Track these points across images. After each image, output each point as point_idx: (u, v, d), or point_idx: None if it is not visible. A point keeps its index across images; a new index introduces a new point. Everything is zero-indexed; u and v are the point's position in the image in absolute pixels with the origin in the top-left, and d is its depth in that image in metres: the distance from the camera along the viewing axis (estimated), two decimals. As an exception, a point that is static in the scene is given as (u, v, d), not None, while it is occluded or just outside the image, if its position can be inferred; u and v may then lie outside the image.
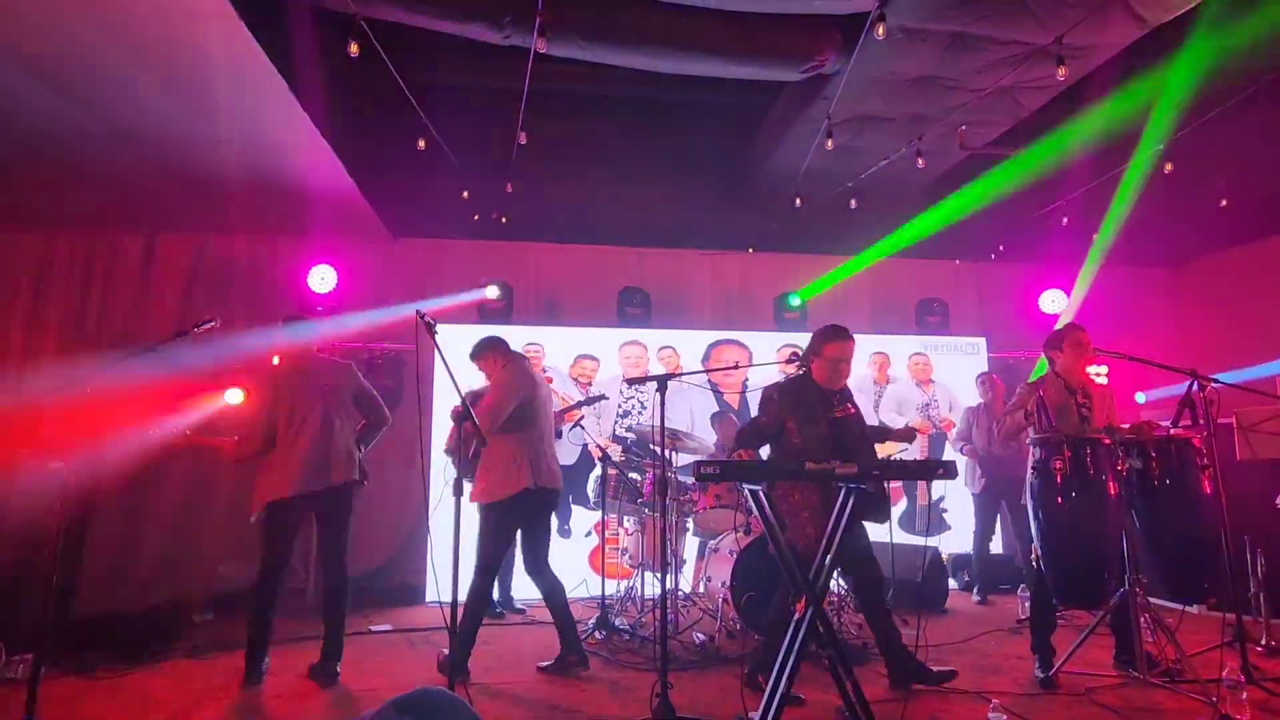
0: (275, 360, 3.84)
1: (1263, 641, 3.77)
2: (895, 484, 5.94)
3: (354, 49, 3.68)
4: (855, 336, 3.43)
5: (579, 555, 5.51)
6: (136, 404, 5.12)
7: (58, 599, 2.78)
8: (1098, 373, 6.29)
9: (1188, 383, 3.44)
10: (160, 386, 5.04)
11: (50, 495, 3.76)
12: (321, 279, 5.51)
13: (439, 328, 2.98)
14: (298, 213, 5.50)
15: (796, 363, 3.54)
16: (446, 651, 3.16)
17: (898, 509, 5.95)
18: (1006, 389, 5.46)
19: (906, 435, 3.53)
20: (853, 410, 3.36)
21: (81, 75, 3.65)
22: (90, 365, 2.76)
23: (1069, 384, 3.59)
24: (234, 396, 5.43)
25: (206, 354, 4.68)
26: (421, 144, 4.92)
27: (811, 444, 3.16)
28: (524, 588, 5.09)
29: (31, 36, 3.31)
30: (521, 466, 3.50)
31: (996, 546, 5.77)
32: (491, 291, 5.85)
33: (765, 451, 3.39)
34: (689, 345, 6.09)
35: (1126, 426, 3.50)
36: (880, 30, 3.68)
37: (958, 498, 6.01)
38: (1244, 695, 2.80)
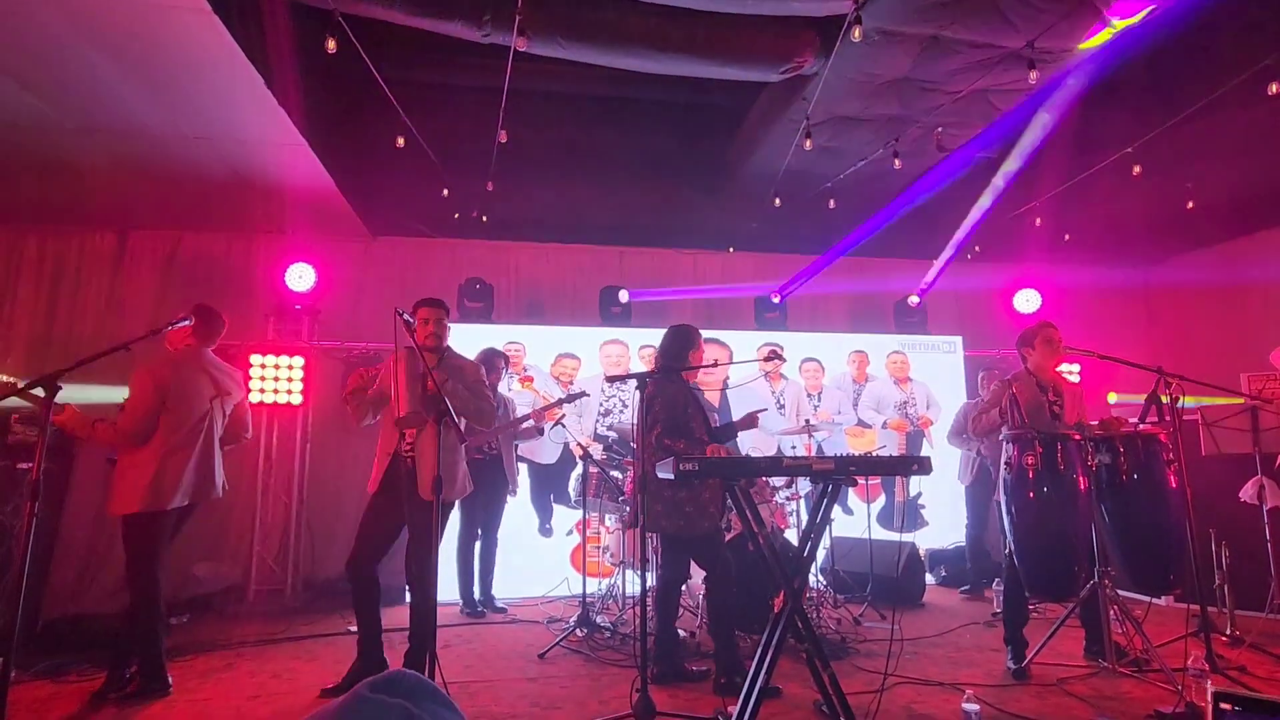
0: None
1: (1227, 632, 3.88)
2: (874, 480, 6.01)
3: (331, 45, 3.64)
4: (833, 334, 3.58)
5: (560, 554, 5.51)
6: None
7: (27, 602, 2.73)
8: (1069, 371, 6.41)
9: (1155, 381, 3.54)
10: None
11: (20, 497, 3.72)
12: (299, 277, 5.46)
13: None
14: (275, 210, 5.44)
15: (776, 360, 3.71)
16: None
17: (876, 505, 6.02)
18: None
19: (748, 422, 3.58)
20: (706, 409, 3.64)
21: (48, 68, 3.58)
22: (61, 361, 2.70)
23: (1040, 381, 3.67)
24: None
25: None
26: (401, 142, 4.89)
27: (698, 430, 3.38)
28: (504, 587, 5.10)
29: (-1, 29, 3.24)
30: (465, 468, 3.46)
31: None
32: (474, 288, 5.83)
33: None
34: (670, 344, 6.10)
35: (1095, 423, 3.58)
36: (857, 33, 3.73)
37: (935, 494, 6.09)
38: (1209, 683, 2.88)
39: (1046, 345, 3.68)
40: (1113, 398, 6.48)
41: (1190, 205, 5.72)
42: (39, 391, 2.53)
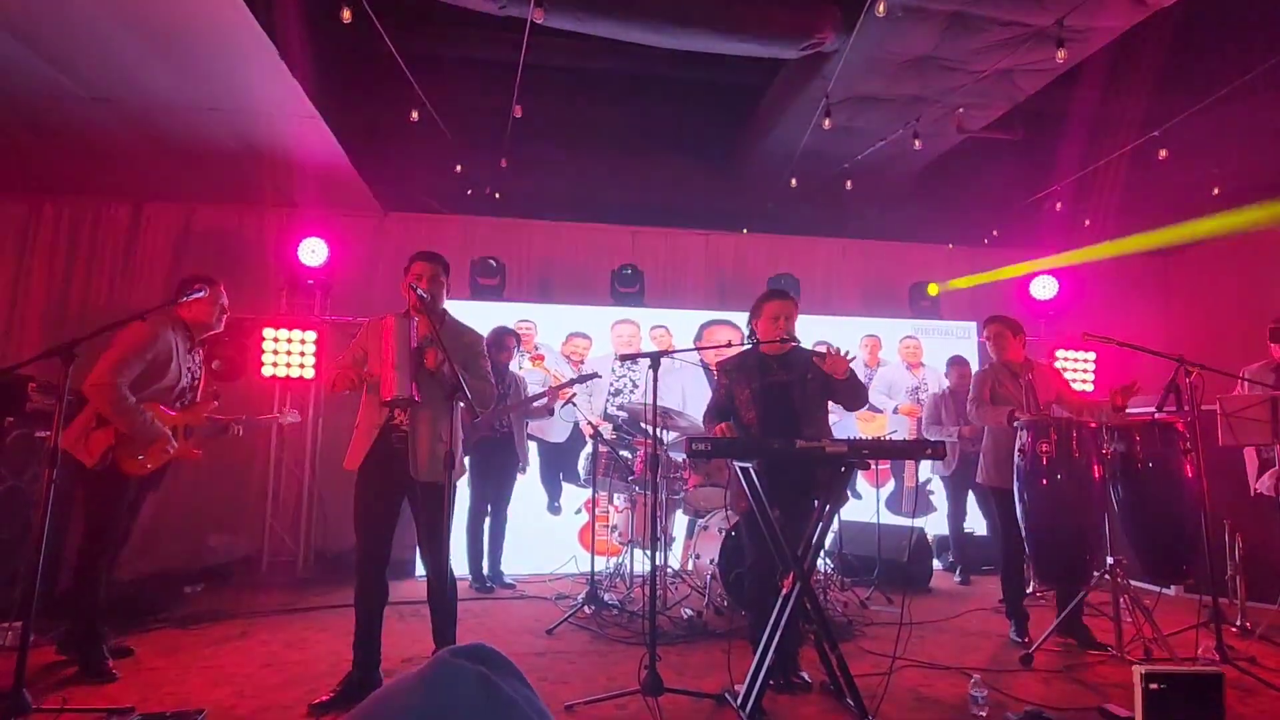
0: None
1: (1237, 623, 3.86)
2: (883, 464, 5.99)
3: (347, 15, 3.60)
4: (846, 318, 3.42)
5: (569, 532, 5.55)
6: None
7: (45, 568, 2.76)
8: (1086, 359, 6.34)
9: (1174, 369, 3.49)
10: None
11: (38, 464, 3.77)
12: (312, 251, 5.45)
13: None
14: (288, 184, 5.43)
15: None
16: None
17: (885, 490, 6.01)
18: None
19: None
20: (789, 378, 3.16)
21: (63, 37, 3.56)
22: (76, 332, 2.72)
23: (1010, 368, 3.84)
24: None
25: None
26: (415, 116, 4.85)
27: (742, 406, 3.15)
28: (513, 564, 5.14)
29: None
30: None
31: (980, 528, 5.85)
32: (487, 265, 5.81)
33: None
34: (682, 325, 6.09)
35: (1111, 393, 3.58)
36: (880, 8, 3.65)
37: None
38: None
39: (988, 342, 3.99)
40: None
41: (1216, 191, 5.60)
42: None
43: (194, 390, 3.34)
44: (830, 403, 3.26)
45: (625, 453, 4.69)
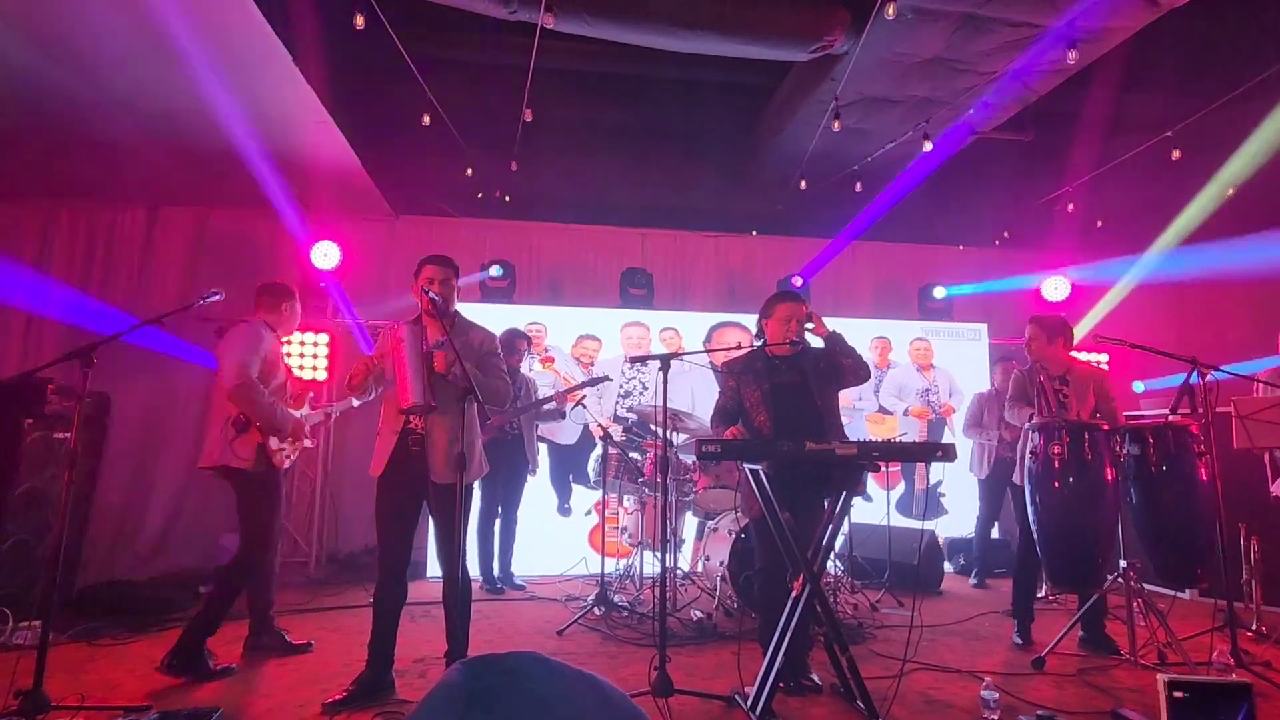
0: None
1: (1253, 627, 3.82)
2: (894, 466, 5.97)
3: (359, 21, 3.64)
4: (856, 319, 3.40)
5: (579, 533, 5.56)
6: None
7: (64, 568, 2.80)
8: (1097, 361, 6.29)
9: (1187, 371, 3.47)
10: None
11: (56, 465, 3.82)
12: (324, 255, 5.49)
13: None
14: (300, 188, 5.48)
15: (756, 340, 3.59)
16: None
17: (895, 493, 5.99)
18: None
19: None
20: (799, 379, 3.16)
21: (82, 45, 3.62)
22: (94, 335, 2.77)
23: (1048, 370, 3.74)
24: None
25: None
26: (426, 120, 4.89)
27: (752, 408, 3.15)
28: (523, 565, 5.16)
29: (33, 5, 3.27)
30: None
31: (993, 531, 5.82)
32: (494, 270, 5.84)
33: None
34: (691, 327, 6.09)
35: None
36: (890, 10, 3.65)
37: (955, 482, 6.04)
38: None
39: (1028, 344, 3.81)
40: (1139, 386, 6.37)
41: (1231, 192, 5.55)
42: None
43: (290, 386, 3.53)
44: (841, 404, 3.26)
45: (635, 454, 4.70)
